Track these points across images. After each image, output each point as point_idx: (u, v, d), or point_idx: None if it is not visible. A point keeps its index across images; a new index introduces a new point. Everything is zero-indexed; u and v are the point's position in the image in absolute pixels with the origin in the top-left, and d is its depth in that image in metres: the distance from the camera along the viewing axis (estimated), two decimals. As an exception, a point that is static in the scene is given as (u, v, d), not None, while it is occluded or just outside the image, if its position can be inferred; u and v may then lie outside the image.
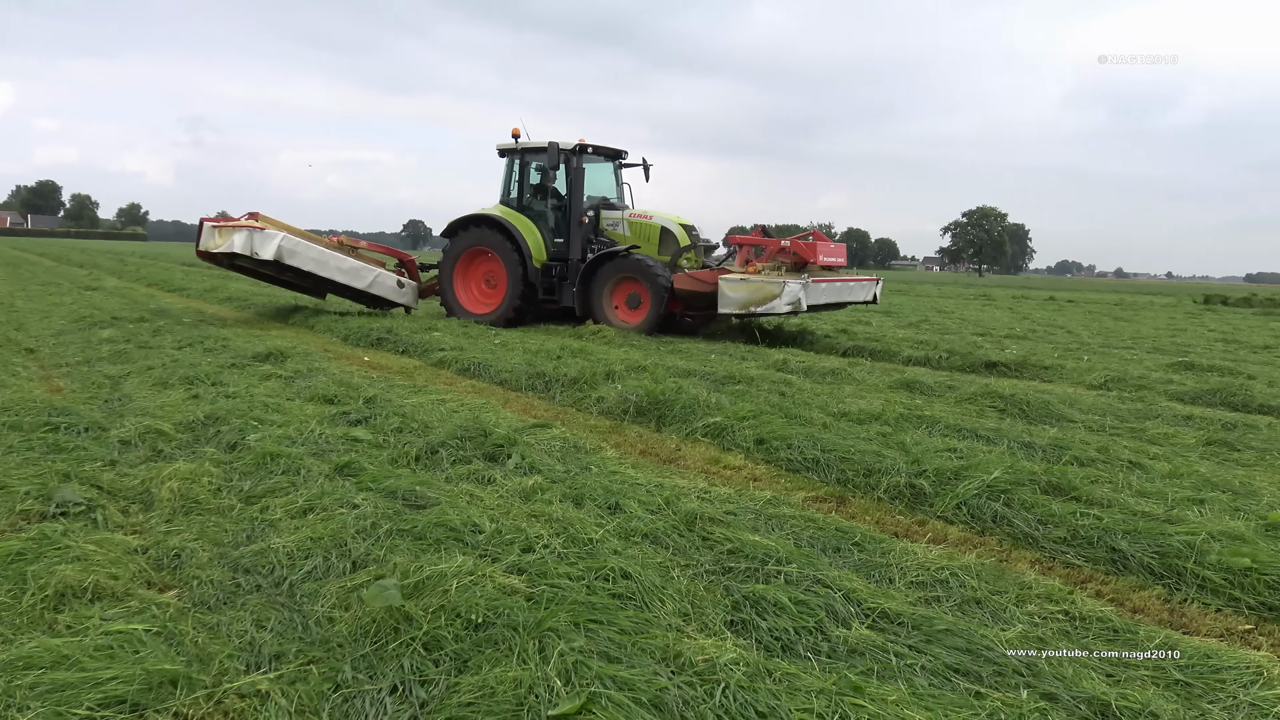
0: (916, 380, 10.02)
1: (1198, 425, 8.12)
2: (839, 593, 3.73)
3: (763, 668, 3.02)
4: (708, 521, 4.59)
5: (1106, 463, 6.31)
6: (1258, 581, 4.04)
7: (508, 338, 13.24)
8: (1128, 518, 4.81)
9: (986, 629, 3.48)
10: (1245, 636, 3.76)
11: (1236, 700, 3.06)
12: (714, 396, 8.00)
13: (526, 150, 15.83)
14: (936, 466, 5.64)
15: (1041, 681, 3.08)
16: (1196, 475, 6.01)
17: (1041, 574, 4.30)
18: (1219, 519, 4.88)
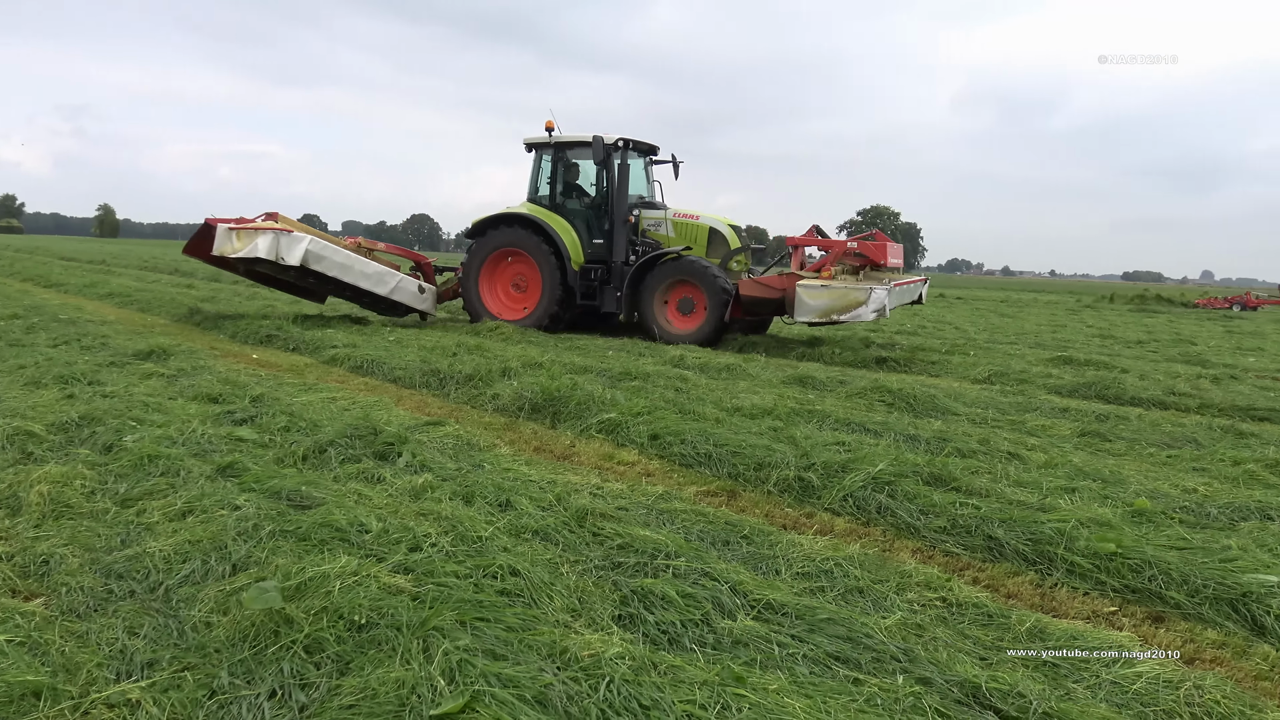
0: (809, 376, 10.21)
1: (1073, 417, 8.46)
2: (726, 585, 3.78)
3: (648, 661, 3.04)
4: (599, 517, 4.60)
5: (987, 454, 6.53)
6: (1122, 565, 4.23)
7: (402, 334, 13.05)
8: (1004, 507, 4.99)
9: (867, 617, 3.57)
10: (1110, 618, 3.93)
11: (1099, 679, 3.20)
12: (610, 393, 8.02)
13: (562, 144, 14.80)
14: (825, 460, 5.76)
15: (918, 666, 3.17)
16: (1070, 465, 6.26)
17: (922, 562, 4.43)
18: (1089, 507, 5.10)
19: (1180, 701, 3.05)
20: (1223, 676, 3.30)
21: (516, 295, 15.09)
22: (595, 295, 14.46)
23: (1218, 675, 3.29)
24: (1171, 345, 17.95)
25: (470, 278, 15.09)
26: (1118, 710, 3.00)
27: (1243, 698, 3.11)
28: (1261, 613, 3.80)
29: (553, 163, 14.90)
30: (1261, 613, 3.80)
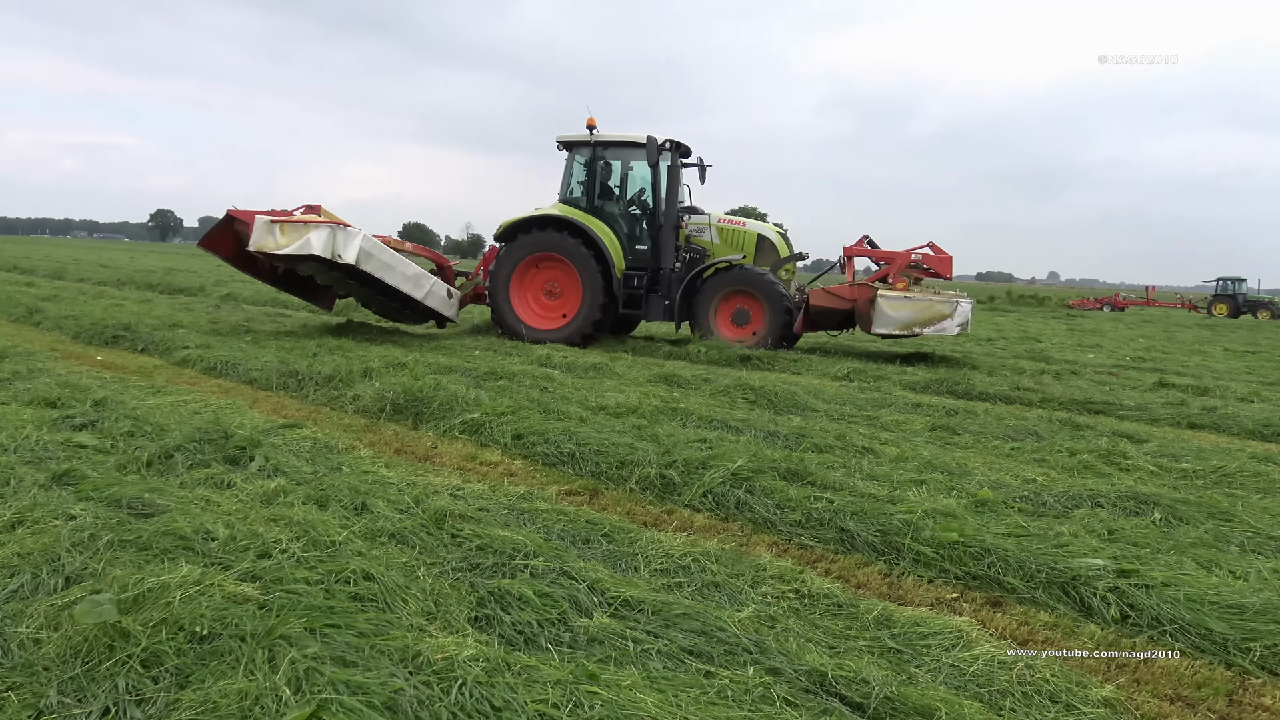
0: (675, 374, 10.33)
1: (925, 412, 8.79)
2: (584, 584, 3.79)
3: (503, 662, 3.02)
4: (458, 519, 4.55)
5: (843, 449, 6.73)
6: (964, 553, 4.42)
7: (259, 334, 12.64)
8: (856, 499, 5.15)
9: (722, 611, 3.63)
10: (951, 604, 4.10)
11: (940, 662, 3.34)
12: (474, 393, 7.94)
13: (603, 144, 14.06)
14: (686, 457, 5.83)
15: (768, 657, 3.25)
16: (920, 458, 6.50)
17: (777, 556, 4.53)
18: (935, 498, 5.31)
19: (1013, 681, 3.20)
20: (1052, 656, 3.49)
21: (550, 303, 14.18)
22: (639, 303, 13.99)
23: (1048, 655, 3.47)
24: (1019, 343, 18.84)
25: (500, 286, 14.01)
26: (955, 691, 3.13)
27: (1070, 675, 3.29)
28: (1089, 594, 4.02)
29: (590, 163, 14.17)
30: (1089, 594, 4.02)
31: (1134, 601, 3.93)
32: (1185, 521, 5.18)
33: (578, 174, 14.34)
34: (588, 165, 14.18)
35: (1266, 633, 3.64)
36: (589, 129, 14.01)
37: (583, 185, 14.27)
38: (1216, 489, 6.10)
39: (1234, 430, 8.87)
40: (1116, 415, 9.49)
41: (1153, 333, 25.28)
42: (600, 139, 13.98)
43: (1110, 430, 8.22)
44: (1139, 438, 7.95)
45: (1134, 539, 4.71)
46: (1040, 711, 3.06)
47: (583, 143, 14.16)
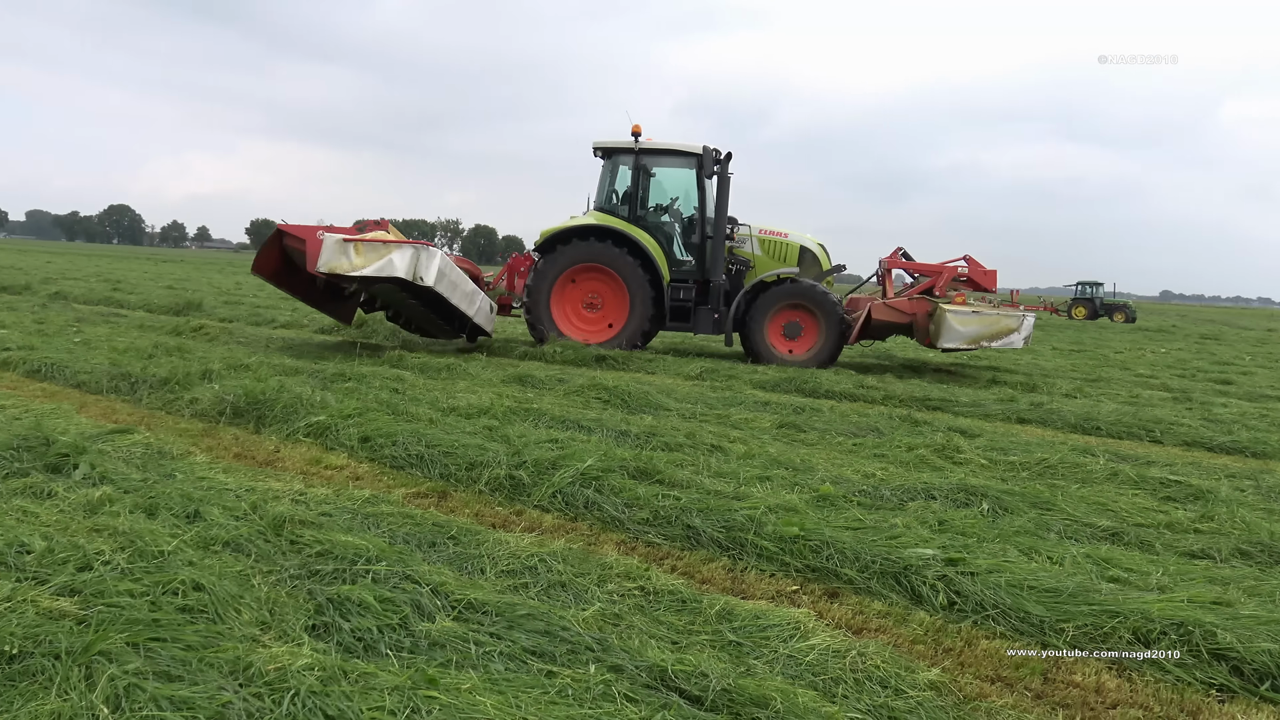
0: (529, 375, 10.29)
1: (774, 410, 9.01)
2: (428, 587, 3.74)
3: (340, 670, 2.95)
4: (299, 525, 4.43)
5: (692, 447, 6.83)
6: (804, 547, 4.55)
7: (92, 334, 11.98)
8: (703, 497, 5.24)
9: (567, 610, 3.64)
10: (791, 596, 4.22)
11: (778, 653, 3.43)
12: (320, 395, 7.72)
13: (647, 151, 13.74)
14: (537, 457, 5.82)
15: (611, 655, 3.27)
16: (766, 455, 6.67)
17: (625, 554, 4.57)
18: (779, 494, 5.45)
19: (846, 668, 3.32)
20: (884, 643, 3.63)
21: (590, 315, 13.77)
22: (686, 315, 13.68)
23: (879, 642, 3.61)
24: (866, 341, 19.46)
25: (541, 298, 13.48)
26: (791, 681, 3.22)
27: (899, 661, 3.43)
28: (919, 583, 4.20)
29: (635, 171, 13.83)
30: (919, 583, 4.20)
31: (960, 588, 4.12)
32: (1010, 511, 5.47)
33: (618, 182, 14.05)
34: (631, 173, 13.89)
35: (1079, 614, 3.88)
36: (634, 136, 13.72)
37: (621, 193, 13.98)
38: (1040, 480, 6.46)
39: (1058, 424, 9.41)
40: (953, 411, 9.94)
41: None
42: (645, 147, 13.71)
43: (946, 426, 8.60)
44: (972, 433, 8.35)
45: (963, 529, 4.94)
46: (871, 696, 3.17)
47: (625, 150, 13.83)
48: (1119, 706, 3.37)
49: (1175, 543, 5.07)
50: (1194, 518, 5.60)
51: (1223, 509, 5.76)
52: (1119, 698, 3.43)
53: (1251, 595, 4.18)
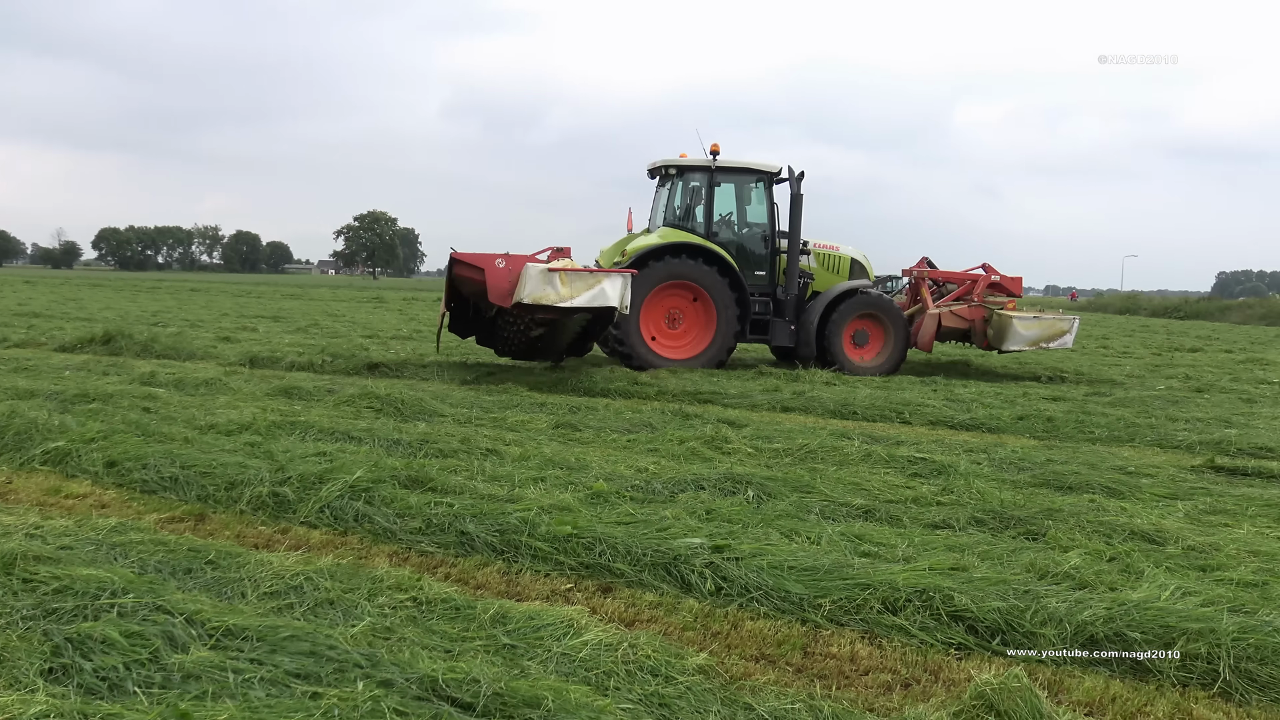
0: (296, 386, 9.90)
1: (550, 410, 9.06)
2: (181, 617, 3.53)
3: (79, 714, 2.75)
4: (33, 561, 4.07)
5: (467, 452, 6.77)
6: (577, 545, 4.61)
7: None
8: (477, 501, 5.21)
9: (334, 628, 3.53)
10: (566, 595, 4.26)
11: (551, 652, 3.46)
12: (59, 419, 7.14)
13: (723, 169, 13.80)
14: (302, 472, 5.61)
15: (380, 670, 3.20)
16: (541, 456, 6.69)
17: (396, 565, 4.48)
18: (553, 494, 5.49)
19: (619, 661, 3.39)
20: (655, 633, 3.73)
21: (671, 331, 13.51)
22: (764, 329, 13.88)
23: (650, 632, 3.70)
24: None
25: (632, 317, 12.87)
26: (565, 678, 3.26)
27: (669, 649, 3.53)
28: (689, 572, 4.34)
29: (709, 188, 13.82)
30: (689, 572, 4.34)
31: (727, 574, 4.29)
32: (774, 496, 5.73)
33: (690, 199, 14.14)
34: (705, 191, 13.89)
35: (834, 588, 4.12)
36: (713, 155, 13.79)
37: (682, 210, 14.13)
38: (801, 465, 6.81)
39: (819, 411, 9.94)
40: (722, 404, 10.31)
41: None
42: (721, 164, 13.82)
43: (716, 418, 8.91)
44: (740, 423, 8.69)
45: (729, 516, 5.14)
46: (642, 686, 3.25)
47: (700, 168, 13.92)
48: (871, 672, 3.60)
49: (920, 516, 5.46)
50: (936, 491, 6.05)
51: (961, 482, 6.26)
52: (871, 664, 3.67)
53: (984, 559, 4.56)
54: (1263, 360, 18.01)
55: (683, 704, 3.18)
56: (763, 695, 3.28)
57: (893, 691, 3.45)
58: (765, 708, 3.17)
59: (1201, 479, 6.87)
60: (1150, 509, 5.85)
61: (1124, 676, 3.56)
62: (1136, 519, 5.42)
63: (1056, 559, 4.50)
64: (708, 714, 3.13)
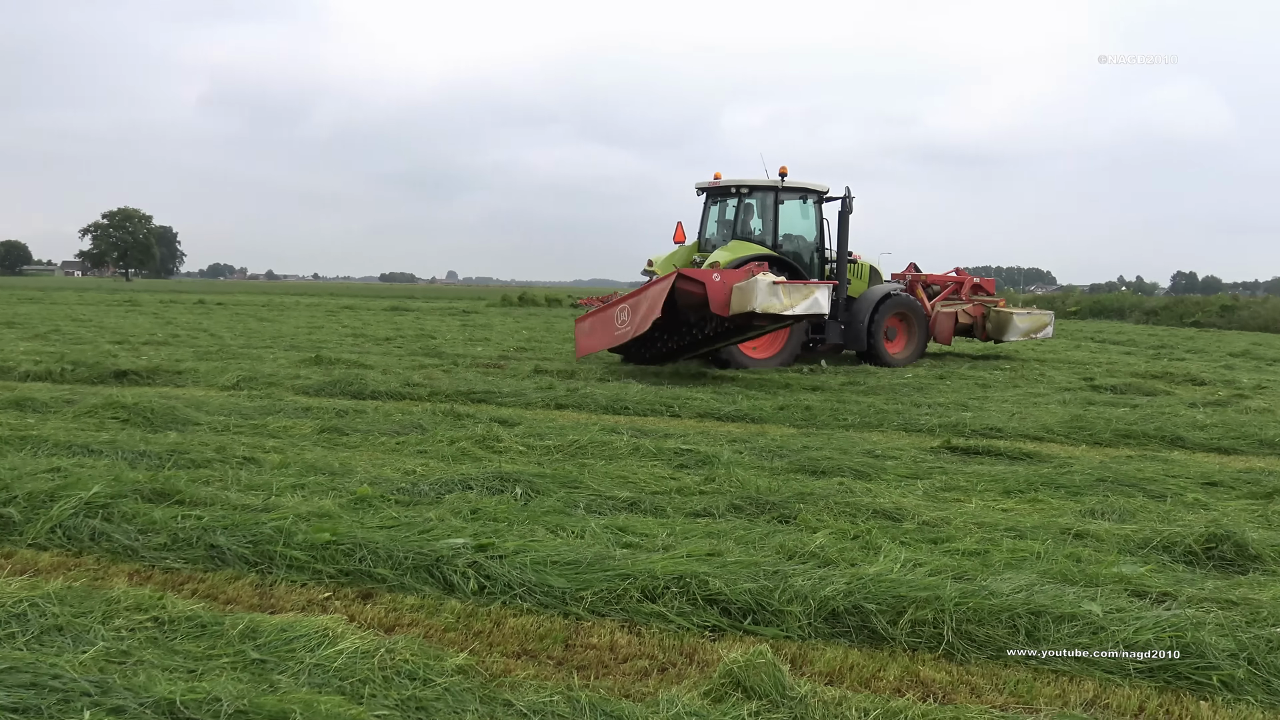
0: (30, 398, 9.12)
1: (315, 415, 8.75)
2: (-123, 656, 3.18)
3: None
4: None
5: (222, 461, 6.45)
6: (336, 552, 4.48)
7: None
8: (229, 513, 4.97)
9: (61, 656, 3.28)
10: (323, 604, 4.13)
11: (304, 664, 3.35)
12: None
13: (787, 189, 15.32)
14: (30, 490, 5.17)
15: (111, 696, 2.99)
16: (303, 463, 6.46)
17: (137, 584, 4.22)
18: (313, 501, 5.31)
19: (375, 667, 3.32)
20: (415, 636, 3.68)
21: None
22: (821, 329, 15.18)
23: (409, 636, 3.65)
24: (415, 340, 19.53)
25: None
26: (317, 690, 3.16)
27: (429, 651, 3.49)
28: (451, 572, 4.30)
29: (774, 206, 15.24)
30: (451, 572, 4.30)
31: (490, 572, 4.28)
32: (541, 493, 5.77)
33: (748, 215, 15.58)
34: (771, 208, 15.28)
35: (596, 580, 4.19)
36: (781, 176, 15.19)
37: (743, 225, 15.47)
38: (571, 461, 6.89)
39: (591, 407, 10.07)
40: (496, 403, 10.26)
41: (535, 325, 27.75)
42: (788, 184, 15.25)
43: (489, 417, 8.86)
44: (513, 421, 8.69)
45: (495, 515, 5.14)
46: (399, 691, 3.20)
47: (767, 187, 15.27)
48: (630, 659, 3.69)
49: (683, 505, 5.64)
50: (700, 481, 6.27)
51: (723, 471, 6.51)
52: (630, 651, 3.76)
53: (740, 544, 4.77)
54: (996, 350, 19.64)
55: (440, 705, 3.15)
56: (522, 690, 3.30)
57: (650, 676, 3.55)
58: (524, 703, 3.19)
59: (939, 459, 7.43)
60: (893, 489, 6.30)
61: (861, 645, 3.81)
62: (880, 499, 5.82)
63: (805, 540, 4.76)
64: (465, 714, 3.12)
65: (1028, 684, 3.50)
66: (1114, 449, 8.32)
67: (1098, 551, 4.81)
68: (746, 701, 3.18)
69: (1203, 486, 6.53)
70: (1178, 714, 3.31)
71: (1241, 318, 37.55)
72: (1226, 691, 3.42)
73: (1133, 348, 21.27)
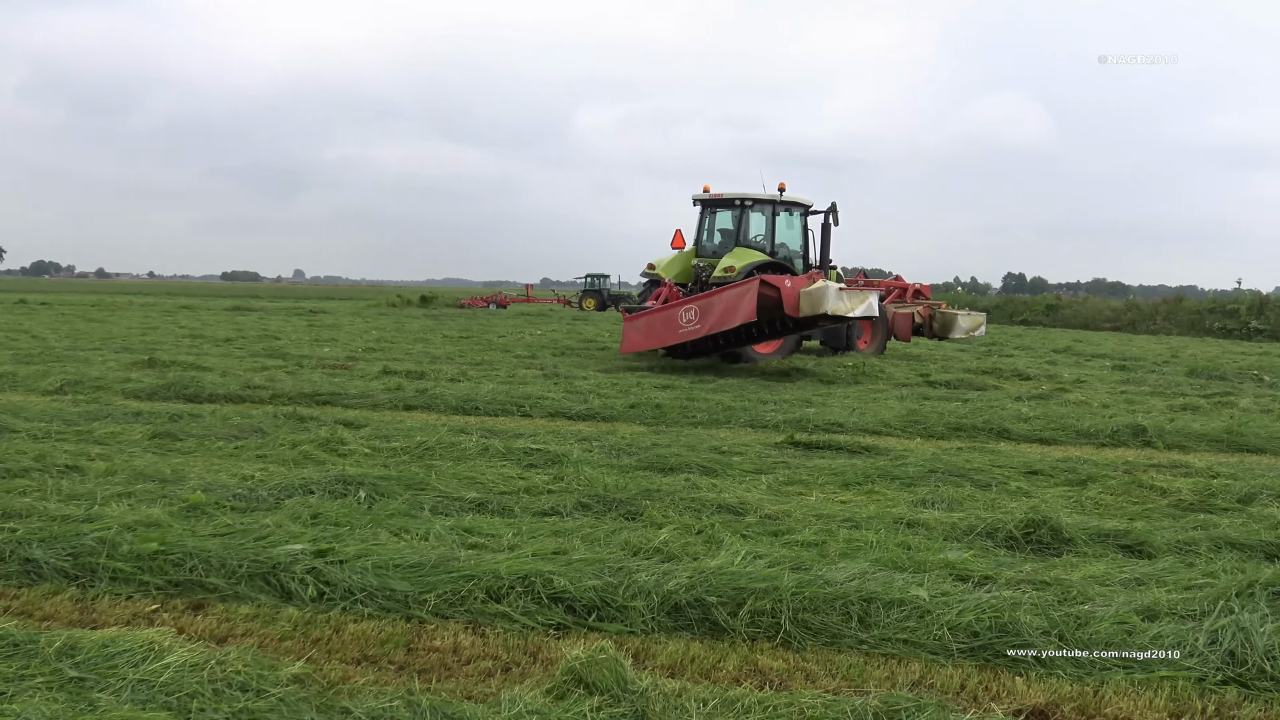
0: None
1: (147, 420, 8.34)
2: None
3: None
4: None
5: (42, 470, 6.09)
6: (165, 562, 4.29)
7: None
8: (47, 524, 4.69)
9: None
10: (150, 617, 3.95)
11: (127, 680, 3.19)
12: None
13: (784, 203, 16.69)
14: None
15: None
16: (131, 470, 6.16)
17: (-59, 604, 3.93)
18: (140, 509, 5.05)
19: (205, 680, 3.19)
20: (249, 646, 3.55)
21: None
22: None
23: (243, 646, 3.52)
24: (258, 341, 18.85)
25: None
26: (141, 706, 3.02)
27: (263, 661, 3.38)
28: (289, 580, 4.18)
29: (773, 216, 16.78)
30: (289, 580, 4.18)
31: (330, 578, 4.18)
32: (386, 495, 5.67)
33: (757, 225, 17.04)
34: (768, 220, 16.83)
35: (439, 583, 4.14)
36: (780, 190, 16.60)
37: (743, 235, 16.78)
38: (418, 462, 6.79)
39: (441, 408, 9.94)
40: (342, 405, 10.01)
41: (385, 324, 27.18)
42: (785, 199, 16.67)
43: (334, 419, 8.63)
44: (359, 424, 8.50)
45: (337, 519, 5.02)
46: (230, 704, 3.09)
47: (767, 200, 16.73)
48: (473, 661, 3.67)
49: (531, 504, 5.64)
50: (548, 480, 6.27)
51: (572, 470, 6.53)
52: (474, 653, 3.73)
53: (586, 541, 4.80)
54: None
55: (274, 716, 3.06)
56: (361, 697, 3.23)
57: (493, 677, 3.54)
58: (363, 709, 3.13)
59: (783, 454, 7.65)
60: (738, 484, 6.45)
61: (703, 637, 3.89)
62: (724, 494, 5.95)
63: (650, 536, 4.82)
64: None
65: (859, 668, 3.65)
66: (946, 441, 8.73)
67: (927, 539, 5.04)
68: (588, 697, 3.20)
69: (1025, 475, 6.93)
70: (995, 690, 3.51)
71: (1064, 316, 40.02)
72: (1040, 667, 3.64)
73: (966, 345, 22.34)
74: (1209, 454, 8.44)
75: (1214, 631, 3.76)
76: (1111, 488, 6.47)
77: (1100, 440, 8.87)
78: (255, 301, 44.00)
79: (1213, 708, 3.40)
